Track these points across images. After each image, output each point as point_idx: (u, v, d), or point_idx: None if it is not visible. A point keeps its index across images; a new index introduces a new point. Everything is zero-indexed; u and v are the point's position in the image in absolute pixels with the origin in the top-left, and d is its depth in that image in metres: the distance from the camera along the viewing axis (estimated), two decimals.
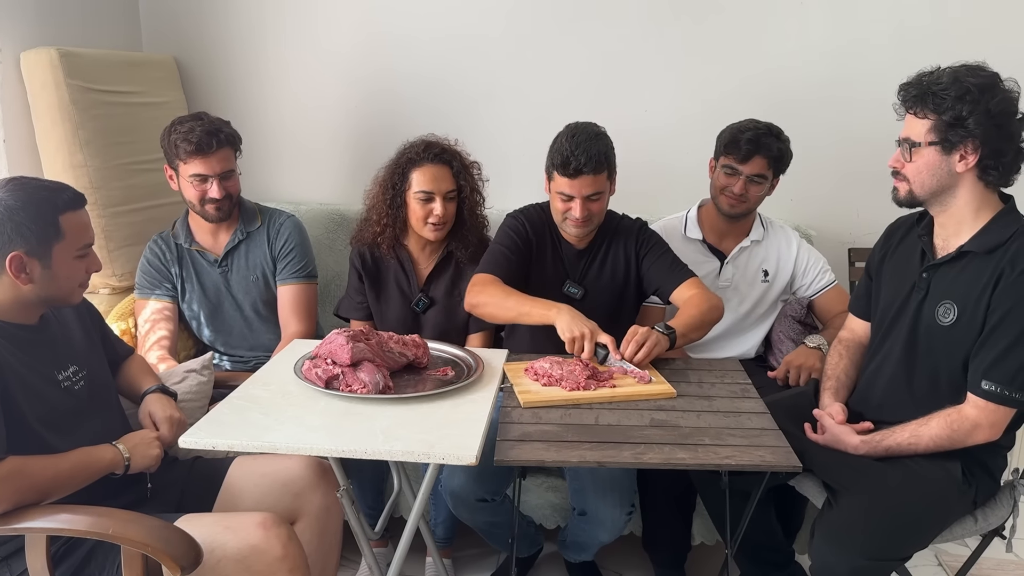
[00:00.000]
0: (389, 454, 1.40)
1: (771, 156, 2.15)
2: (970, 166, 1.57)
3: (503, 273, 2.00)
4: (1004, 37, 2.52)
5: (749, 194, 2.19)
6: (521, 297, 1.92)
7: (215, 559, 1.41)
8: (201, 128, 2.08)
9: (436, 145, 2.17)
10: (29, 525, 1.35)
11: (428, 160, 2.13)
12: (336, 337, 1.66)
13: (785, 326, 2.33)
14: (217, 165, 2.11)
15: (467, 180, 2.19)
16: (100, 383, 1.65)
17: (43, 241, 1.46)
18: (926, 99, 1.57)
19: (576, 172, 1.92)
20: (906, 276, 1.74)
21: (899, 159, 1.65)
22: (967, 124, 1.53)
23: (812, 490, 1.79)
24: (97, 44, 2.54)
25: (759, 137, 2.14)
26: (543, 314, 1.85)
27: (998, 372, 1.55)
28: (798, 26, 2.64)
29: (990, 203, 1.63)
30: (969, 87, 1.53)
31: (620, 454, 1.45)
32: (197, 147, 2.06)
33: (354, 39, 2.78)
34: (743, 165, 2.16)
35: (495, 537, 2.09)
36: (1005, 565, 2.39)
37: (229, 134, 2.14)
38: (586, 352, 1.77)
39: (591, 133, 1.95)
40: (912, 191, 1.64)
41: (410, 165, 2.14)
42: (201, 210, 2.15)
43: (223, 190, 2.13)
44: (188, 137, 2.06)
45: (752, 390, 1.77)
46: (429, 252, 2.26)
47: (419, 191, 2.12)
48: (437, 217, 2.12)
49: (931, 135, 1.58)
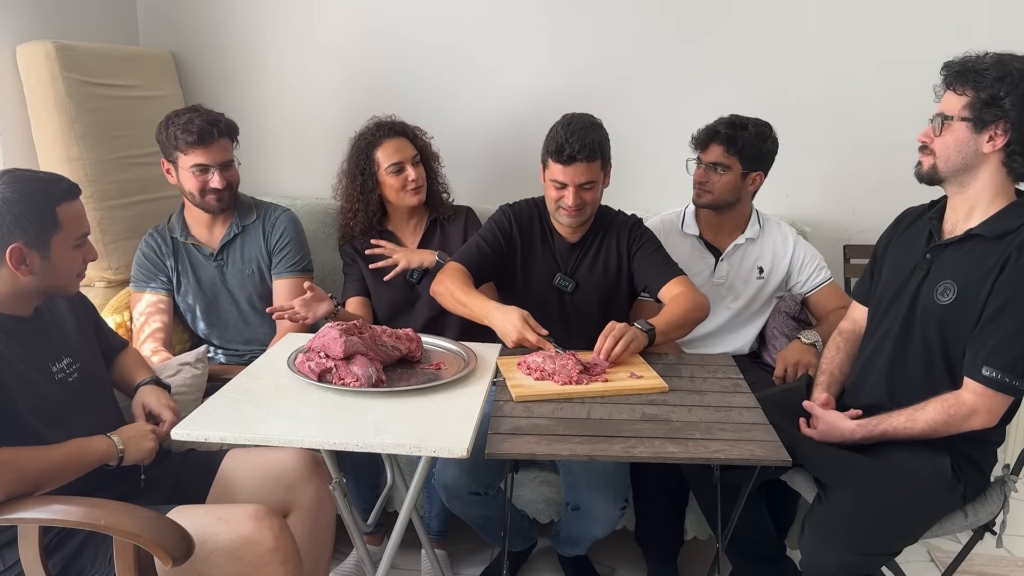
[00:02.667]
0: (380, 447, 1.41)
1: (724, 143, 2.17)
2: (997, 147, 1.57)
3: (473, 265, 2.06)
4: (1004, 36, 2.51)
5: (711, 182, 2.21)
6: (468, 294, 1.97)
7: (207, 550, 1.42)
8: (200, 119, 2.08)
9: (386, 122, 2.34)
10: (21, 516, 1.35)
11: (385, 136, 2.29)
12: (329, 331, 1.67)
13: (779, 322, 2.33)
14: (218, 155, 2.11)
15: (422, 143, 2.37)
16: (94, 375, 1.65)
17: (41, 232, 1.47)
18: (967, 76, 1.58)
19: (570, 159, 1.93)
20: (910, 257, 1.75)
21: (928, 134, 1.65)
22: (1003, 104, 1.53)
23: (803, 485, 1.80)
24: (93, 37, 2.55)
25: (717, 126, 2.20)
26: (480, 316, 1.92)
27: (999, 358, 1.55)
28: (794, 24, 2.64)
29: (1006, 192, 1.63)
30: (1012, 70, 1.53)
31: (611, 447, 1.46)
32: (199, 137, 2.06)
33: (350, 33, 2.78)
34: (702, 153, 2.23)
35: (488, 531, 2.09)
36: (997, 561, 2.40)
37: (228, 123, 2.15)
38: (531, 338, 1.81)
39: (586, 122, 1.97)
40: (936, 165, 1.64)
41: (370, 147, 2.29)
42: (202, 201, 2.15)
43: (224, 180, 2.13)
44: (188, 128, 2.06)
45: (744, 385, 1.77)
46: (413, 226, 2.37)
47: (389, 165, 2.26)
48: (414, 182, 2.27)
49: (965, 111, 1.58)
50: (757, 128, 2.19)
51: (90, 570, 1.46)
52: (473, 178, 2.72)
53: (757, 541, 2.00)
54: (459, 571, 2.32)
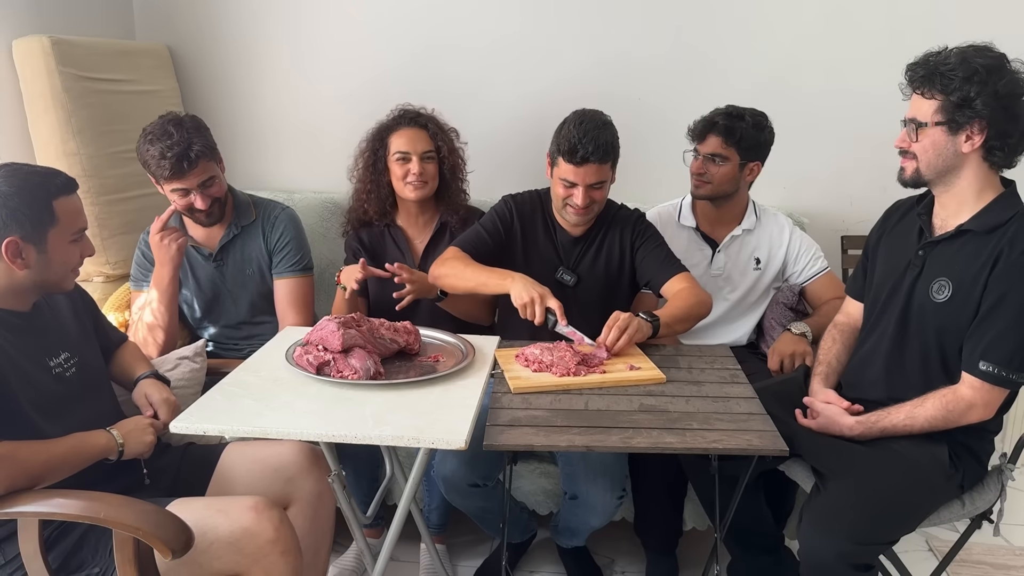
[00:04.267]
0: (379, 439, 1.41)
1: (723, 134, 2.17)
2: (976, 147, 1.57)
3: (473, 252, 2.03)
4: (1000, 23, 2.51)
5: (709, 174, 2.21)
6: (479, 268, 1.95)
7: (207, 542, 1.42)
8: (172, 152, 1.95)
9: (411, 111, 2.30)
10: (21, 509, 1.35)
11: (404, 124, 2.26)
12: (327, 324, 1.67)
13: (777, 313, 2.34)
14: (195, 180, 2.02)
15: (444, 141, 2.28)
16: (92, 370, 1.65)
17: (38, 226, 1.47)
18: (933, 79, 1.57)
19: (582, 160, 1.91)
20: (902, 254, 1.74)
21: (905, 139, 1.65)
22: (974, 105, 1.53)
23: (801, 475, 1.81)
24: (89, 32, 2.54)
25: (713, 117, 2.19)
26: (499, 283, 1.89)
27: (996, 353, 1.56)
28: (791, 15, 2.63)
29: (992, 185, 1.63)
30: (977, 68, 1.52)
31: (608, 438, 1.46)
32: (172, 172, 1.98)
33: (345, 25, 2.77)
34: (699, 145, 2.22)
35: (488, 522, 2.10)
36: (995, 550, 2.41)
37: (202, 148, 2.00)
38: (538, 317, 1.80)
39: (599, 122, 1.94)
40: (919, 170, 1.64)
41: (387, 132, 2.27)
42: (192, 217, 2.13)
43: (207, 199, 2.06)
44: (160, 163, 1.97)
45: (741, 375, 1.78)
46: (422, 225, 2.32)
47: (396, 152, 2.23)
48: (415, 175, 2.22)
49: (938, 115, 1.58)
50: (754, 118, 2.19)
51: (90, 563, 1.46)
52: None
53: (755, 531, 2.01)
54: (458, 563, 2.33)
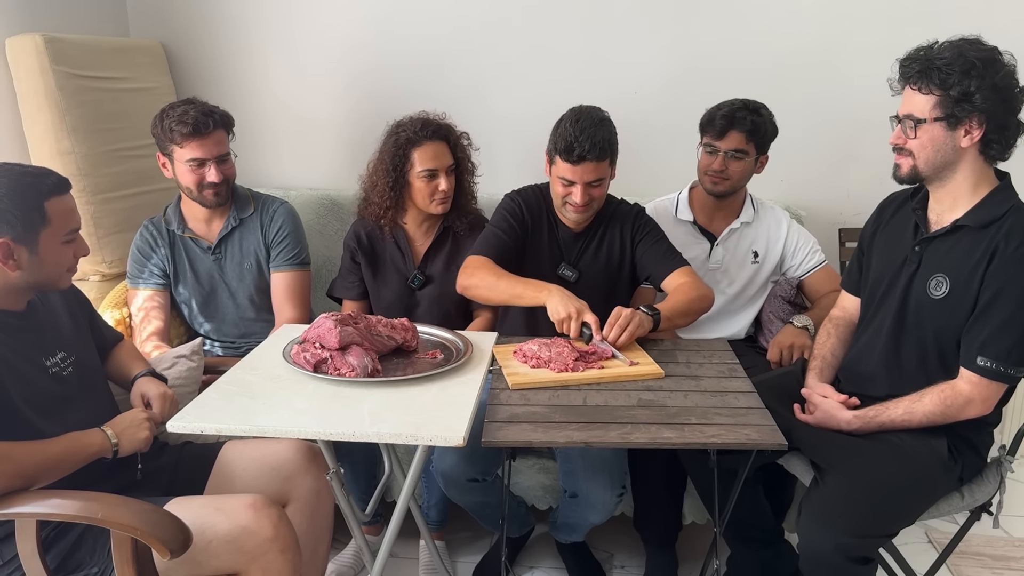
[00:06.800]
0: (376, 436, 1.41)
1: (747, 130, 2.15)
2: (975, 141, 1.56)
3: (496, 255, 2.00)
4: (996, 13, 2.51)
5: (730, 170, 2.19)
6: (513, 279, 1.92)
7: (206, 540, 1.42)
8: (195, 110, 2.06)
9: (431, 122, 2.21)
10: (18, 510, 1.35)
11: (427, 138, 2.17)
12: (324, 321, 1.67)
13: (775, 306, 2.33)
14: (214, 148, 2.09)
15: (462, 152, 2.26)
16: (88, 369, 1.65)
17: (29, 227, 1.45)
18: (931, 74, 1.55)
19: (580, 159, 1.90)
20: (898, 250, 1.74)
21: (901, 136, 1.63)
22: (974, 99, 1.52)
23: (800, 468, 1.81)
24: (83, 30, 2.53)
25: (733, 112, 2.15)
26: (535, 296, 1.86)
27: (993, 348, 1.56)
28: (788, 7, 2.62)
29: (987, 179, 1.62)
30: (974, 61, 1.51)
31: (607, 434, 1.46)
32: (193, 128, 2.04)
33: (341, 21, 2.76)
34: (720, 141, 2.17)
35: (487, 518, 2.10)
36: (994, 542, 2.41)
37: (223, 115, 2.13)
38: (572, 332, 1.78)
39: (596, 119, 1.93)
40: (916, 167, 1.62)
41: (409, 145, 2.17)
42: (199, 196, 2.14)
43: (220, 174, 2.11)
44: (183, 119, 2.04)
45: (739, 370, 1.77)
46: (426, 229, 2.29)
47: (423, 170, 2.16)
48: (443, 193, 2.17)
49: (936, 111, 1.56)
50: (767, 111, 2.18)
51: (88, 563, 1.46)
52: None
53: (754, 525, 2.01)
54: (457, 559, 2.33)
